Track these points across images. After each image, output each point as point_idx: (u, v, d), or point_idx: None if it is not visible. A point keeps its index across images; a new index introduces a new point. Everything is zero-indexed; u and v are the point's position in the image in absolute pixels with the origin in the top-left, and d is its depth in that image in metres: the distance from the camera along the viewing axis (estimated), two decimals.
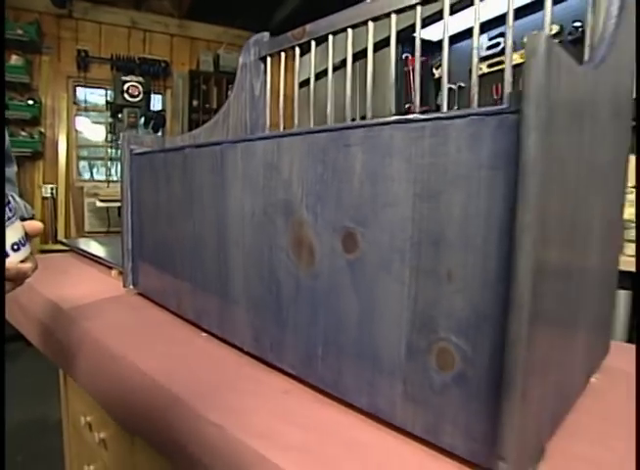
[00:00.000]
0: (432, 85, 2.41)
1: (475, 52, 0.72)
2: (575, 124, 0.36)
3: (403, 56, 2.33)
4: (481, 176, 0.34)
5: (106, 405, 0.67)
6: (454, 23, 0.76)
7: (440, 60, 2.54)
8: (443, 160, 0.36)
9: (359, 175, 0.42)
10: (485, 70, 2.12)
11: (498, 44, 2.12)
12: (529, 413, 0.34)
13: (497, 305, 0.34)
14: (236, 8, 3.95)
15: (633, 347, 0.68)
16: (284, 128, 1.02)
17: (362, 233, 0.42)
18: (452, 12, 0.77)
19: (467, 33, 1.81)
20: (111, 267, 1.14)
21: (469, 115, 0.35)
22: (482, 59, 2.10)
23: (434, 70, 2.37)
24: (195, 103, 4.35)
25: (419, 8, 0.77)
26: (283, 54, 1.01)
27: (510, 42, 0.67)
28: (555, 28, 1.93)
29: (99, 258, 1.25)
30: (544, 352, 0.35)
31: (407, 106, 2.27)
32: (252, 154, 0.55)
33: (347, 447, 0.41)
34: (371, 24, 0.84)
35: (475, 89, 0.73)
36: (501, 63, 2.08)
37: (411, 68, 2.30)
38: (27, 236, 0.52)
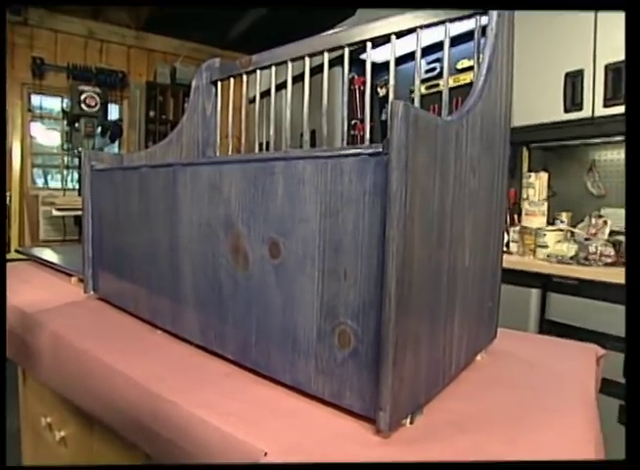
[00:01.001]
0: (376, 103, 2.60)
1: (391, 89, 0.86)
2: (438, 161, 0.49)
3: (349, 76, 2.49)
4: (366, 201, 0.46)
5: (68, 395, 0.75)
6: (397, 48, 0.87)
7: (385, 79, 2.71)
8: (340, 187, 0.48)
9: (281, 197, 0.54)
10: (424, 91, 2.30)
11: (435, 69, 2.31)
12: (402, 376, 0.46)
13: (378, 295, 0.45)
14: (193, 22, 4.03)
15: (518, 333, 0.82)
16: (235, 141, 1.13)
17: (284, 243, 0.54)
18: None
19: (408, 57, 1.98)
20: (70, 275, 1.21)
21: (358, 154, 0.47)
22: (422, 81, 2.28)
23: (379, 89, 2.54)
24: (152, 114, 4.39)
25: (346, 49, 0.90)
26: (232, 79, 1.12)
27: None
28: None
29: (58, 265, 1.31)
30: (413, 331, 0.47)
31: (353, 122, 2.43)
32: (200, 176, 0.66)
33: (272, 413, 0.52)
34: (307, 60, 0.96)
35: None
36: (438, 85, 2.26)
37: (357, 87, 2.46)
38: None
